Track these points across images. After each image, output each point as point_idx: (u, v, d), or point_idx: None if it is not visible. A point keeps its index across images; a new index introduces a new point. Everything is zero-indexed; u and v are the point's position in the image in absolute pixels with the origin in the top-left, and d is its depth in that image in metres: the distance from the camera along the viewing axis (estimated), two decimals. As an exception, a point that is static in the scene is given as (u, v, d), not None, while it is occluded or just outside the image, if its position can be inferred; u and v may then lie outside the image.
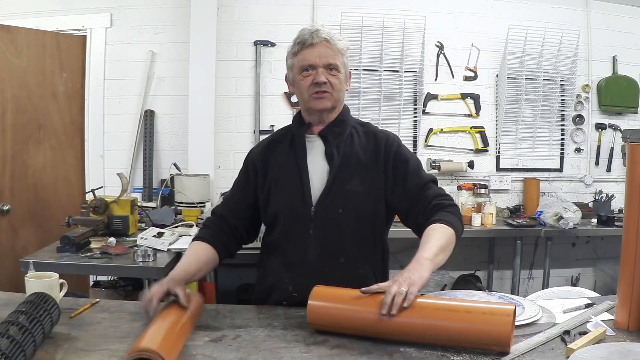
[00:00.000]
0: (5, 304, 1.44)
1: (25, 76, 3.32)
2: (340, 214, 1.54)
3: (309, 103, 1.56)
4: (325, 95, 1.54)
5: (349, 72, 1.62)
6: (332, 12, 3.70)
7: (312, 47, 1.52)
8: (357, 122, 1.68)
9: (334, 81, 1.54)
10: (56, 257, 2.42)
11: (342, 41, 1.56)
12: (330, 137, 1.59)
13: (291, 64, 1.58)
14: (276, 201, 1.59)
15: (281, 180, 1.59)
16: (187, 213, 3.23)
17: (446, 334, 1.18)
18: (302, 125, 1.62)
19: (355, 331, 1.26)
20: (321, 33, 1.52)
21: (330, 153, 1.57)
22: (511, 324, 1.15)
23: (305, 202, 1.55)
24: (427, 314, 1.21)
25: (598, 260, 4.06)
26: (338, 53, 1.54)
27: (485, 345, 1.16)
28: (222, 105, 3.71)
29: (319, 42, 1.52)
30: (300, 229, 1.56)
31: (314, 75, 1.52)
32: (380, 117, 3.78)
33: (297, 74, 1.55)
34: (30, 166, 3.36)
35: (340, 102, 1.61)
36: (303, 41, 1.53)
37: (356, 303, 1.27)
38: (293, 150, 1.61)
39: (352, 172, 1.56)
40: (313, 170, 1.57)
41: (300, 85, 1.56)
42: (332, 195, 1.54)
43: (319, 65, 1.52)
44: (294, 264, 1.57)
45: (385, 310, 1.20)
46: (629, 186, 1.34)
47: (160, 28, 3.67)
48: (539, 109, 3.93)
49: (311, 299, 1.30)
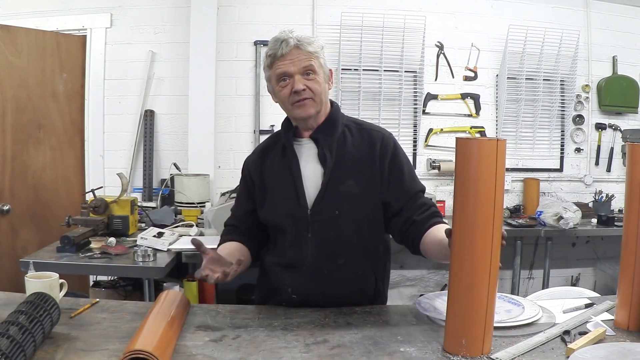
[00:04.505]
0: (5, 304, 1.45)
1: (25, 76, 3.32)
2: (337, 215, 1.54)
3: (292, 112, 1.56)
4: (306, 102, 1.52)
5: (330, 71, 1.60)
6: (332, 12, 3.70)
7: (283, 57, 1.50)
8: (349, 120, 1.66)
9: (313, 86, 1.52)
10: (56, 257, 2.42)
11: (314, 43, 1.54)
12: (321, 139, 1.58)
13: (268, 76, 1.58)
14: (272, 208, 1.59)
15: (276, 187, 1.60)
16: (187, 213, 3.23)
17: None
18: (289, 130, 1.62)
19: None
20: (290, 41, 1.50)
21: (323, 155, 1.56)
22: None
23: (301, 206, 1.54)
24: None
25: (598, 260, 4.06)
26: (312, 56, 1.52)
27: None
28: (222, 105, 3.71)
29: (289, 50, 1.50)
30: (298, 232, 1.55)
31: (291, 83, 1.51)
32: (380, 117, 3.78)
33: (276, 85, 1.55)
34: (30, 166, 3.36)
35: (324, 104, 1.59)
36: (274, 53, 1.51)
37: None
38: (285, 156, 1.60)
39: (346, 173, 1.55)
40: (307, 174, 1.57)
41: (280, 95, 1.55)
42: (328, 198, 1.53)
43: (294, 72, 1.50)
44: (293, 267, 1.56)
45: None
46: (629, 186, 1.34)
47: (160, 28, 3.67)
48: (539, 109, 3.93)
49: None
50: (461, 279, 1.18)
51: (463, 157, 1.18)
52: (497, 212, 1.16)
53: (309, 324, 1.38)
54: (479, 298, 1.16)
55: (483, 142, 1.17)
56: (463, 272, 1.18)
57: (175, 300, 1.40)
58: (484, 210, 1.15)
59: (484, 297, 1.16)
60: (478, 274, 1.16)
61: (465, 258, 1.17)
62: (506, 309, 1.44)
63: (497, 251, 1.17)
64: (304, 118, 1.55)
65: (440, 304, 1.45)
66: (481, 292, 1.16)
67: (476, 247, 1.16)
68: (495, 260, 1.17)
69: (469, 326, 1.17)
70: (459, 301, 1.19)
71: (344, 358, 1.18)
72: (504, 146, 1.17)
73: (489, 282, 1.16)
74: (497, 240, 1.17)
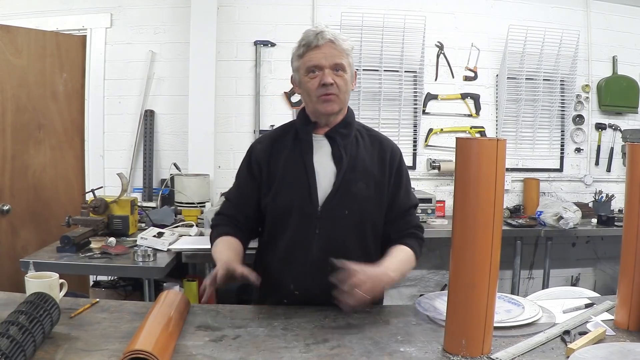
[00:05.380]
0: (5, 304, 1.44)
1: (25, 76, 3.32)
2: (347, 215, 1.56)
3: (317, 106, 1.57)
4: (332, 97, 1.54)
5: (354, 72, 1.63)
6: (332, 12, 3.70)
7: (318, 49, 1.53)
8: (361, 126, 1.69)
9: (340, 82, 1.54)
10: (56, 257, 2.42)
11: (346, 41, 1.57)
12: (337, 138, 1.60)
13: (297, 66, 1.59)
14: (283, 199, 1.59)
15: (287, 177, 1.59)
16: (187, 213, 3.22)
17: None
18: (307, 124, 1.62)
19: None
20: (326, 34, 1.53)
21: (338, 154, 1.58)
22: None
23: (312, 201, 1.56)
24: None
25: (598, 260, 4.06)
26: (343, 53, 1.55)
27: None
28: (222, 105, 3.71)
29: (324, 43, 1.53)
30: (306, 227, 1.56)
31: (320, 76, 1.53)
32: (380, 117, 3.78)
33: (304, 76, 1.56)
34: (30, 166, 3.36)
35: (346, 104, 1.62)
36: (308, 43, 1.54)
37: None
38: (298, 148, 1.61)
39: (358, 175, 1.58)
40: (320, 170, 1.58)
41: (307, 87, 1.56)
42: (340, 197, 1.56)
43: (325, 66, 1.52)
44: (297, 262, 1.57)
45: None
46: (629, 186, 1.34)
47: (160, 28, 3.67)
48: (539, 109, 3.93)
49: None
50: (461, 279, 1.18)
51: (463, 157, 1.18)
52: (497, 212, 1.16)
53: (309, 324, 1.38)
54: (479, 298, 1.16)
55: (483, 142, 1.18)
56: (463, 272, 1.18)
57: (175, 300, 1.40)
58: (484, 210, 1.15)
59: (484, 297, 1.16)
60: (478, 274, 1.16)
61: (465, 258, 1.17)
62: (506, 309, 1.44)
63: (497, 251, 1.17)
64: (327, 113, 1.57)
65: (440, 304, 1.46)
66: (481, 292, 1.16)
67: (476, 247, 1.16)
68: (495, 260, 1.17)
69: (469, 326, 1.17)
70: (459, 301, 1.19)
71: (344, 358, 1.18)
72: (504, 146, 1.17)
73: (489, 282, 1.16)
74: (497, 240, 1.17)
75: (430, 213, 3.53)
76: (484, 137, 3.84)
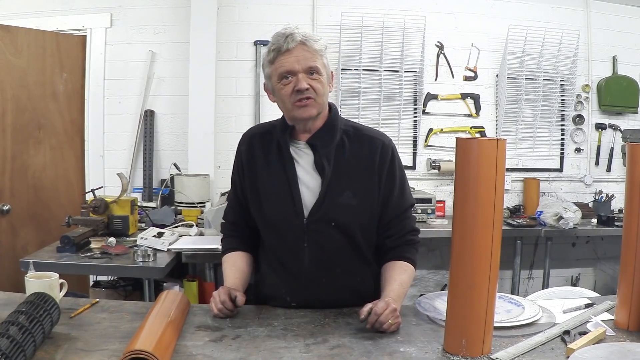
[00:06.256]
0: (5, 304, 1.45)
1: (25, 76, 3.32)
2: (334, 227, 1.50)
3: (293, 112, 1.47)
4: (309, 102, 1.44)
5: (331, 73, 1.52)
6: (332, 12, 3.70)
7: (289, 53, 1.42)
8: (348, 125, 1.58)
9: (317, 85, 1.45)
10: (56, 257, 2.42)
11: (319, 41, 1.47)
12: (319, 145, 1.50)
13: (269, 73, 1.49)
14: (268, 211, 1.54)
15: (270, 189, 1.53)
16: (187, 213, 3.22)
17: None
18: (285, 131, 1.53)
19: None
20: (296, 36, 1.42)
21: (321, 164, 1.49)
22: None
23: (297, 214, 1.49)
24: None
25: (598, 260, 4.06)
26: (317, 54, 1.45)
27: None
28: (222, 105, 3.71)
29: (295, 46, 1.42)
30: (294, 240, 1.52)
31: (294, 82, 1.43)
32: (380, 117, 3.78)
33: (277, 83, 1.46)
34: (30, 166, 3.36)
35: (324, 107, 1.52)
36: (278, 47, 1.43)
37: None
38: (281, 158, 1.53)
39: (344, 184, 1.49)
40: (303, 182, 1.51)
41: (281, 94, 1.46)
42: (325, 209, 1.48)
43: (298, 70, 1.43)
44: (291, 276, 1.54)
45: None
46: (629, 186, 1.34)
47: (160, 28, 3.67)
48: (539, 109, 3.93)
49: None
50: (461, 279, 1.18)
51: (463, 157, 1.18)
52: (497, 212, 1.16)
53: (309, 324, 1.38)
54: (479, 298, 1.16)
55: (483, 142, 1.18)
56: (463, 272, 1.18)
57: (176, 300, 1.40)
58: (484, 210, 1.15)
59: (484, 297, 1.16)
60: (478, 274, 1.16)
61: (465, 258, 1.17)
62: (506, 309, 1.44)
63: (497, 251, 1.17)
64: (304, 119, 1.48)
65: (440, 304, 1.45)
66: (481, 292, 1.16)
67: (476, 247, 1.16)
68: (495, 260, 1.17)
69: (469, 326, 1.17)
70: (459, 301, 1.19)
71: (344, 358, 1.18)
72: (504, 146, 1.17)
73: (489, 282, 1.16)
74: (497, 240, 1.17)
75: (430, 213, 3.53)
76: (484, 137, 3.84)
